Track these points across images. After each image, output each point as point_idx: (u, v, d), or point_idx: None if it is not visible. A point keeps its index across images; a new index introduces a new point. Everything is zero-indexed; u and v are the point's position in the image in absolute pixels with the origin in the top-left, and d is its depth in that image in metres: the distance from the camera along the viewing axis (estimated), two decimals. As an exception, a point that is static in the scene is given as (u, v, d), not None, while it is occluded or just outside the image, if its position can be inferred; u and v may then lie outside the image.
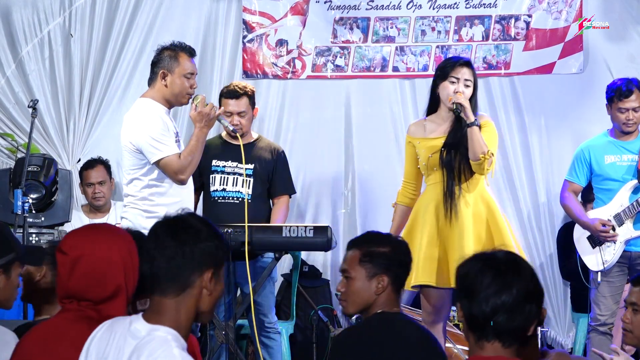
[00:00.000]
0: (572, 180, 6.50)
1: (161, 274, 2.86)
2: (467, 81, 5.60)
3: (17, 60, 7.64)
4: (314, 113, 7.72)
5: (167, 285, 2.85)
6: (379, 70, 7.69)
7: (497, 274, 2.81)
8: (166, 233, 2.89)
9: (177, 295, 2.85)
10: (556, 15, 7.51)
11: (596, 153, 6.41)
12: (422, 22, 7.65)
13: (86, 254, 3.11)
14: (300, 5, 7.70)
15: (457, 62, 5.70)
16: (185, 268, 2.85)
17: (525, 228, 7.48)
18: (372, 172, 7.66)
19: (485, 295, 2.78)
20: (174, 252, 2.85)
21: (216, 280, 2.91)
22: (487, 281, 2.79)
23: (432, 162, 5.60)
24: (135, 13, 7.69)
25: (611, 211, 6.30)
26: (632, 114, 6.30)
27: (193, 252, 2.85)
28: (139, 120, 5.44)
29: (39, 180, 6.19)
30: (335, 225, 7.40)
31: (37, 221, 6.18)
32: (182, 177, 5.40)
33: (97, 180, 7.09)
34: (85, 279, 3.10)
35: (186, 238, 2.86)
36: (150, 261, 2.87)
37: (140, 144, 5.38)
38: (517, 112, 7.56)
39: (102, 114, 7.68)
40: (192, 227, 2.89)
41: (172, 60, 5.50)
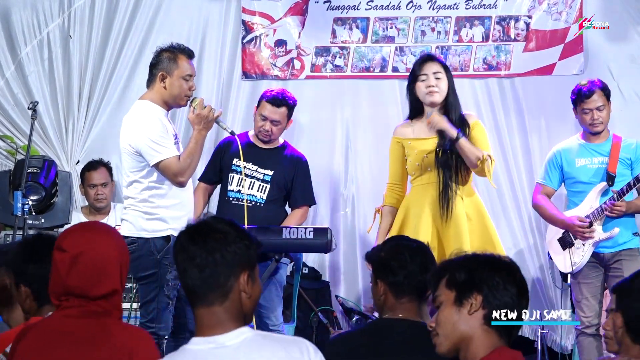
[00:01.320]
0: (544, 183, 6.50)
1: (196, 285, 2.82)
2: (437, 73, 5.66)
3: (16, 61, 7.63)
4: (313, 113, 7.71)
5: (209, 295, 2.82)
6: (379, 71, 7.68)
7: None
8: (192, 242, 2.84)
9: (222, 303, 2.82)
10: (556, 16, 7.51)
11: (568, 156, 6.42)
12: (421, 23, 7.64)
13: (86, 251, 3.15)
14: (299, 5, 7.69)
15: (421, 59, 5.80)
16: (220, 275, 2.82)
17: (525, 230, 7.48)
18: (371, 173, 7.65)
19: None
20: (205, 261, 2.81)
21: (252, 281, 2.87)
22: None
23: (427, 162, 5.62)
24: (134, 14, 7.68)
25: (581, 213, 6.31)
26: (597, 113, 6.29)
27: (224, 257, 2.81)
28: (138, 123, 5.42)
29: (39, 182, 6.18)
30: (334, 227, 7.39)
31: (37, 223, 6.18)
32: (181, 180, 5.38)
33: (100, 182, 7.08)
34: (85, 276, 3.14)
35: (214, 244, 2.82)
36: (183, 273, 2.84)
37: (139, 146, 5.37)
38: (518, 114, 7.56)
39: (101, 115, 7.68)
40: (217, 231, 2.85)
41: (171, 62, 5.48)
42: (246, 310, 2.86)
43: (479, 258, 3.02)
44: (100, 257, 3.16)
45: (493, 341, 2.92)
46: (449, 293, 2.97)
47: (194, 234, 2.86)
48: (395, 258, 3.80)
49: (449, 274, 2.99)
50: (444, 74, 5.66)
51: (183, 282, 2.85)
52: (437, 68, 5.67)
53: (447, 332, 2.96)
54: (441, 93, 5.65)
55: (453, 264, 3.02)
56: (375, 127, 7.67)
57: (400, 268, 3.77)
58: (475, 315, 2.92)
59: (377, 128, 7.65)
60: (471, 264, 2.98)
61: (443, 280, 3.00)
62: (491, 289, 2.92)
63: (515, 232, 7.47)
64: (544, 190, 6.50)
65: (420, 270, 3.76)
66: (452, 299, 2.96)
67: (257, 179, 6.29)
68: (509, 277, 2.95)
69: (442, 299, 2.99)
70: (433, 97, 5.69)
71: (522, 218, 7.50)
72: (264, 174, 6.29)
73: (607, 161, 6.32)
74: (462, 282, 2.94)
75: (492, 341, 2.92)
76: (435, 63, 5.71)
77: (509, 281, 2.94)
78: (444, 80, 5.66)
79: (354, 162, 7.69)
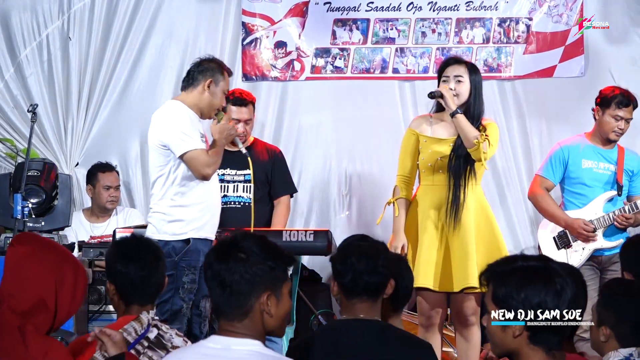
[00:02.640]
0: (546, 176, 6.46)
1: (219, 302, 2.91)
2: (458, 77, 5.61)
3: (15, 63, 7.62)
4: (313, 115, 7.70)
5: (228, 312, 2.90)
6: (379, 72, 7.67)
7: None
8: (218, 261, 2.92)
9: (241, 321, 2.89)
10: (557, 18, 7.50)
11: (574, 155, 6.40)
12: (422, 24, 7.63)
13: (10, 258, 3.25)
14: (300, 6, 7.68)
15: (446, 61, 5.77)
16: (240, 294, 2.89)
17: (526, 232, 7.49)
18: (372, 175, 7.64)
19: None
20: (227, 279, 2.89)
21: (278, 300, 2.92)
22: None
23: (440, 164, 5.59)
24: (134, 16, 7.67)
25: (586, 217, 6.29)
26: (624, 124, 6.30)
27: (243, 278, 2.88)
28: (167, 116, 5.48)
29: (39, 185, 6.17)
30: (334, 229, 7.38)
31: (37, 226, 6.15)
32: (207, 171, 5.40)
33: (115, 184, 7.13)
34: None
35: (236, 265, 2.89)
36: (209, 290, 2.94)
37: (168, 138, 5.41)
38: (518, 116, 7.56)
39: (100, 117, 7.67)
40: (243, 251, 2.91)
41: (219, 74, 5.58)
42: (270, 327, 2.93)
43: (520, 272, 2.94)
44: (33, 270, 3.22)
45: (540, 355, 2.91)
46: (494, 306, 2.95)
47: (220, 252, 2.94)
48: (342, 260, 3.84)
49: (493, 287, 2.95)
50: (466, 77, 5.61)
51: (210, 297, 2.97)
52: (459, 71, 5.62)
53: (496, 344, 2.97)
54: (460, 97, 5.61)
55: (497, 274, 2.97)
56: (375, 129, 7.66)
57: (346, 270, 3.81)
58: (519, 338, 2.90)
59: (378, 129, 7.65)
60: (512, 279, 2.92)
61: (490, 288, 2.97)
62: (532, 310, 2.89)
63: (516, 233, 7.47)
64: (544, 183, 6.46)
65: (368, 272, 3.79)
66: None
67: (239, 181, 6.36)
68: (549, 294, 2.89)
69: (489, 309, 2.97)
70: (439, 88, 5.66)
71: (524, 220, 7.50)
72: (244, 175, 6.35)
73: (613, 169, 6.31)
74: (503, 301, 2.91)
75: (539, 356, 2.91)
76: (460, 66, 5.64)
77: (551, 295, 2.89)
78: (466, 83, 5.61)
79: (354, 164, 7.68)
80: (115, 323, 3.82)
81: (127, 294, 3.89)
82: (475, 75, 5.65)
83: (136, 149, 7.68)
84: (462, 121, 5.49)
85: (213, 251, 2.96)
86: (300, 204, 7.57)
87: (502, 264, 3.02)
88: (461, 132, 5.50)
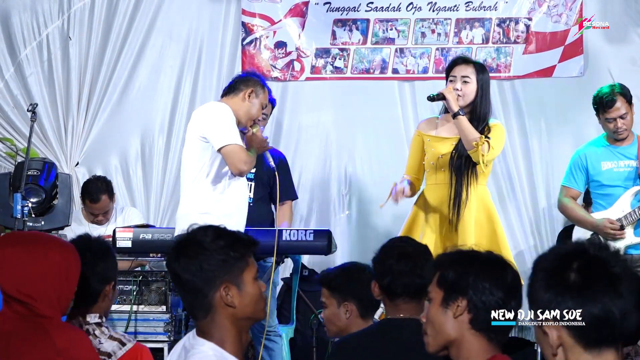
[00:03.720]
0: (569, 186, 6.43)
1: (185, 302, 2.94)
2: (465, 77, 5.59)
3: (15, 63, 7.63)
4: (313, 115, 7.71)
5: (194, 311, 2.90)
6: (379, 73, 7.68)
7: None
8: (173, 259, 2.92)
9: (205, 318, 2.89)
10: (556, 18, 7.51)
11: (593, 159, 6.35)
12: (422, 24, 7.63)
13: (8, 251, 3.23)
14: (299, 7, 7.68)
15: (454, 60, 5.74)
16: (197, 291, 2.87)
17: (525, 231, 7.49)
18: (371, 175, 7.65)
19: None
20: (183, 279, 2.89)
21: (240, 288, 2.90)
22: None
23: (442, 163, 5.59)
24: (134, 16, 7.68)
25: (612, 216, 6.28)
26: (621, 122, 6.20)
27: (196, 275, 2.87)
28: (212, 111, 5.58)
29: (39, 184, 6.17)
30: (334, 228, 7.39)
31: (37, 225, 6.14)
32: (244, 167, 5.45)
33: (101, 211, 7.02)
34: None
35: (186, 263, 2.88)
36: (177, 291, 2.95)
37: (210, 130, 5.47)
38: (518, 116, 7.56)
39: (101, 117, 7.68)
40: (191, 248, 2.90)
41: (260, 88, 5.73)
42: (242, 314, 2.91)
43: (470, 258, 2.96)
44: (30, 258, 3.20)
45: (482, 345, 2.87)
46: (438, 291, 2.93)
47: (175, 249, 2.93)
48: (381, 262, 3.89)
49: (440, 271, 2.94)
50: (473, 78, 5.60)
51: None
52: (467, 72, 5.61)
53: (434, 332, 2.92)
54: (465, 97, 5.60)
55: (446, 261, 2.98)
56: (375, 129, 7.67)
57: (385, 272, 3.85)
58: (460, 319, 2.86)
59: (378, 130, 7.66)
60: (461, 264, 2.93)
61: (436, 276, 2.96)
62: (476, 293, 2.86)
63: (515, 234, 7.47)
64: (569, 192, 6.41)
65: (407, 274, 3.81)
66: (440, 299, 2.92)
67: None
68: (497, 280, 2.89)
69: (432, 295, 2.95)
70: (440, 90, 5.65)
71: (522, 219, 7.50)
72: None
73: (634, 164, 6.26)
74: (449, 284, 2.90)
75: (481, 345, 2.87)
76: (467, 66, 5.63)
77: (497, 285, 2.88)
78: (472, 84, 5.59)
79: (354, 164, 7.68)
80: None
81: None
82: (483, 74, 5.63)
83: (136, 148, 7.69)
84: (463, 123, 5.49)
85: (171, 251, 2.94)
86: (300, 204, 7.57)
87: (450, 254, 3.03)
88: (461, 133, 5.49)
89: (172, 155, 7.66)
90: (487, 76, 5.68)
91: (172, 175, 7.63)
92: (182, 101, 7.69)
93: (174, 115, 7.69)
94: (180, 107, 7.68)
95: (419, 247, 3.97)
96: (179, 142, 7.65)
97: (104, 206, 7.03)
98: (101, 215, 7.03)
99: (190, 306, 2.92)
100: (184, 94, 7.69)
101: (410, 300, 3.81)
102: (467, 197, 5.54)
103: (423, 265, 3.82)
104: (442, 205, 5.57)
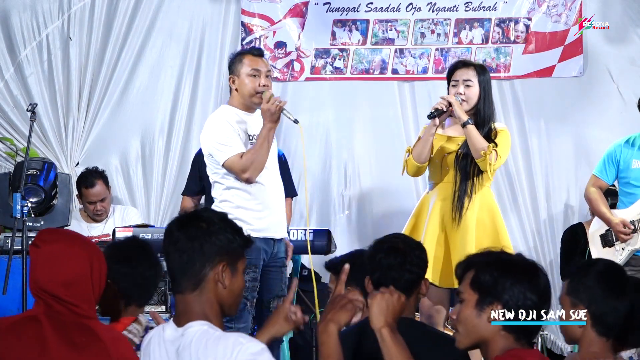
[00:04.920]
0: (599, 176, 6.42)
1: (175, 270, 2.92)
2: (467, 81, 5.60)
3: (15, 63, 7.63)
4: (313, 115, 7.70)
5: (183, 281, 2.91)
6: (378, 73, 7.68)
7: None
8: (178, 228, 2.94)
9: (193, 291, 2.90)
10: (556, 18, 7.51)
11: (626, 155, 6.34)
12: (421, 25, 7.64)
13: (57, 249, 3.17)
14: (299, 7, 7.69)
15: (455, 64, 5.74)
16: (195, 262, 2.90)
17: (525, 231, 7.48)
18: (371, 175, 7.66)
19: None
20: (184, 246, 2.91)
21: (233, 274, 2.94)
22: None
23: (447, 161, 5.59)
24: (134, 16, 7.68)
25: (629, 216, 6.27)
26: None
27: (202, 245, 2.89)
28: (207, 127, 5.54)
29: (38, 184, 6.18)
30: (334, 229, 7.39)
31: (37, 225, 6.15)
32: (245, 176, 5.39)
33: (98, 198, 7.03)
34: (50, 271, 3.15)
35: (196, 232, 2.91)
36: (166, 257, 2.95)
37: (209, 149, 5.47)
38: (517, 116, 7.55)
39: (101, 117, 7.68)
40: (203, 220, 2.93)
41: (238, 64, 5.55)
42: (224, 301, 2.93)
43: (505, 261, 3.01)
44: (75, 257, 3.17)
45: (509, 343, 2.94)
46: (472, 293, 2.98)
47: (181, 220, 2.96)
48: (372, 256, 3.89)
49: (475, 273, 2.99)
50: (475, 81, 5.60)
51: (166, 267, 2.96)
52: (468, 75, 5.61)
53: (467, 332, 2.98)
54: (469, 101, 5.60)
55: (480, 263, 3.01)
56: (375, 129, 7.68)
57: (375, 266, 3.85)
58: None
59: (377, 130, 7.66)
60: (497, 267, 2.97)
61: (468, 277, 3.00)
62: (512, 298, 2.93)
63: (515, 234, 7.46)
64: (597, 183, 6.40)
65: (396, 268, 3.81)
66: (474, 302, 2.97)
67: None
68: (531, 284, 2.95)
69: (465, 297, 2.99)
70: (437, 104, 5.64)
71: (521, 220, 7.50)
72: None
73: None
74: (485, 288, 2.95)
75: (508, 343, 2.94)
76: (468, 69, 5.63)
77: (531, 289, 2.94)
78: (475, 87, 5.60)
79: (354, 164, 7.68)
80: (120, 324, 3.80)
81: (131, 296, 3.86)
82: (484, 76, 5.64)
83: (136, 149, 7.69)
84: (471, 132, 5.50)
85: (175, 220, 2.97)
86: (301, 204, 7.56)
87: (482, 254, 3.07)
88: (470, 142, 5.50)
89: (172, 155, 7.66)
90: (488, 77, 5.69)
91: (172, 176, 7.64)
92: (182, 101, 7.69)
93: (174, 115, 7.69)
94: (181, 107, 7.68)
95: (410, 242, 3.96)
96: (179, 142, 7.66)
97: (100, 192, 7.03)
98: (99, 204, 7.02)
99: (180, 274, 2.91)
100: (184, 94, 7.69)
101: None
102: (470, 196, 5.55)
103: (413, 261, 3.83)
104: (446, 203, 5.58)
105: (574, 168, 7.49)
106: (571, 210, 7.49)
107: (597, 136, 7.39)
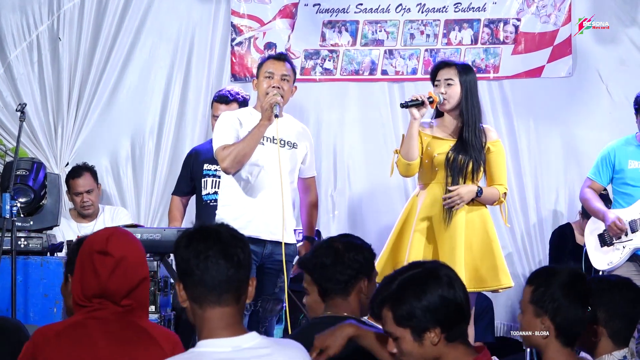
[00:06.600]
0: (594, 179, 6.47)
1: (221, 282, 2.86)
2: (449, 80, 5.61)
3: (5, 64, 7.63)
4: (302, 116, 7.68)
5: (226, 295, 2.87)
6: (368, 74, 7.69)
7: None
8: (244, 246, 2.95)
9: (235, 306, 2.88)
10: (545, 19, 7.52)
11: (621, 156, 6.38)
12: (411, 26, 7.65)
13: (128, 256, 3.23)
14: (289, 8, 7.69)
15: (437, 65, 5.78)
16: (243, 277, 2.92)
17: (514, 232, 7.48)
18: (360, 176, 7.66)
19: None
20: (239, 259, 2.91)
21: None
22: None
23: (437, 161, 5.59)
24: (124, 16, 7.68)
25: (628, 216, 6.27)
26: None
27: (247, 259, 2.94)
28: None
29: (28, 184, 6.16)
30: (324, 229, 7.39)
31: (26, 225, 6.13)
32: (223, 166, 5.54)
33: (85, 188, 7.05)
34: (126, 280, 3.22)
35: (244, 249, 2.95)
36: (204, 271, 2.88)
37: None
38: (506, 116, 7.56)
39: (91, 117, 7.68)
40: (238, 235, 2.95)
41: (260, 68, 5.77)
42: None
43: (408, 281, 2.99)
44: (140, 262, 3.26)
45: (460, 352, 2.97)
46: (403, 330, 2.97)
47: (227, 232, 2.94)
48: (312, 256, 3.86)
49: (392, 312, 2.98)
50: (456, 80, 5.60)
51: (200, 280, 2.85)
52: (449, 74, 5.62)
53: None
54: (450, 100, 5.61)
55: (391, 297, 3.00)
56: (364, 130, 7.68)
57: (314, 266, 3.82)
58: (439, 341, 2.96)
59: (366, 131, 7.67)
60: (407, 294, 2.96)
61: (388, 316, 2.99)
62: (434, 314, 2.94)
63: (504, 235, 7.46)
64: (593, 185, 6.47)
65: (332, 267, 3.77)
66: (410, 336, 2.97)
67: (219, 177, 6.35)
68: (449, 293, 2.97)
69: (398, 334, 2.98)
70: (442, 104, 5.65)
71: (510, 221, 7.49)
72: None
73: None
74: (411, 319, 2.95)
75: (459, 353, 2.97)
76: (450, 69, 5.64)
77: (448, 298, 2.96)
78: (456, 86, 5.60)
79: (343, 165, 7.69)
80: None
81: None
82: (467, 75, 5.63)
83: (126, 149, 7.69)
84: (484, 198, 5.60)
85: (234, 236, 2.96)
86: (291, 205, 7.58)
87: (385, 286, 3.05)
88: (485, 202, 5.62)
89: (163, 156, 7.66)
90: (472, 77, 5.67)
91: (163, 176, 7.64)
92: (172, 101, 7.69)
93: (164, 116, 7.69)
94: (170, 108, 7.69)
95: (350, 243, 3.87)
96: (169, 142, 7.66)
97: (88, 183, 7.05)
98: (85, 195, 7.02)
99: (225, 288, 2.84)
100: (174, 94, 7.70)
101: (336, 296, 3.76)
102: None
103: (345, 262, 3.77)
104: (436, 203, 5.58)
105: (563, 168, 7.51)
106: (560, 211, 7.51)
107: (587, 136, 7.41)
